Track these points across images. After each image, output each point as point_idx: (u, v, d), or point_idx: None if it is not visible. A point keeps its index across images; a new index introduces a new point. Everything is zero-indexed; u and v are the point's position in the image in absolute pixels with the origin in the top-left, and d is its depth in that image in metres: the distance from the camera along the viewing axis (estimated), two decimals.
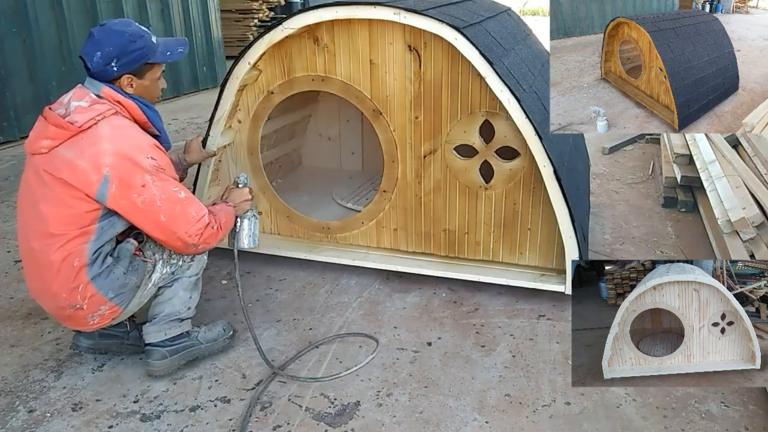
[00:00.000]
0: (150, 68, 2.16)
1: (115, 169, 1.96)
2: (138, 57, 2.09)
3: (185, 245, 2.11)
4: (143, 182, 1.99)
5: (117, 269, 2.07)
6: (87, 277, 2.01)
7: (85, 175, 1.95)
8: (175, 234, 2.06)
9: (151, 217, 2.03)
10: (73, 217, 1.98)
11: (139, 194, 1.99)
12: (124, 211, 2.02)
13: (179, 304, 2.28)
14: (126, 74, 2.09)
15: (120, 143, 1.99)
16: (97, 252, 2.03)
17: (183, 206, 2.06)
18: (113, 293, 2.07)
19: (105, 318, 2.11)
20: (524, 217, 2.75)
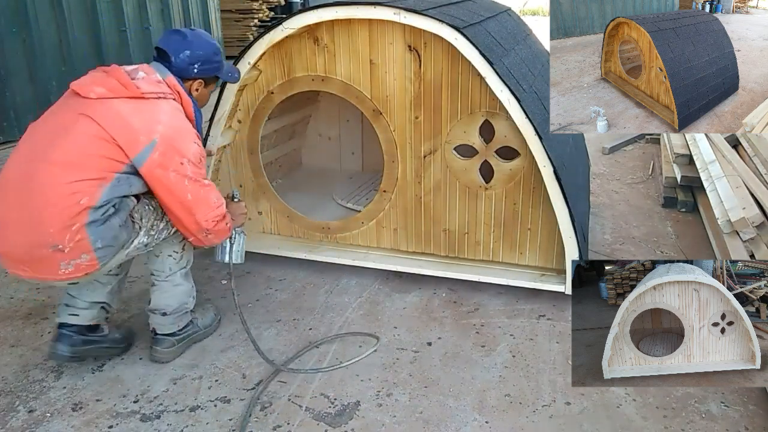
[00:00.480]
0: (214, 81, 2.40)
1: (163, 140, 2.04)
2: (215, 68, 2.34)
3: (198, 229, 2.18)
4: (182, 160, 2.08)
5: (114, 219, 2.01)
6: (88, 218, 1.93)
7: (134, 134, 2.00)
8: (194, 216, 2.14)
9: (177, 194, 2.09)
10: (95, 158, 1.96)
11: (175, 170, 2.07)
12: (155, 181, 2.06)
13: (185, 295, 2.37)
14: (199, 79, 2.30)
15: (176, 122, 2.11)
16: (107, 201, 1.99)
17: (207, 191, 2.16)
18: (101, 243, 1.98)
19: (79, 270, 1.98)
20: (524, 217, 2.75)
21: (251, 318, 2.68)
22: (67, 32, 6.10)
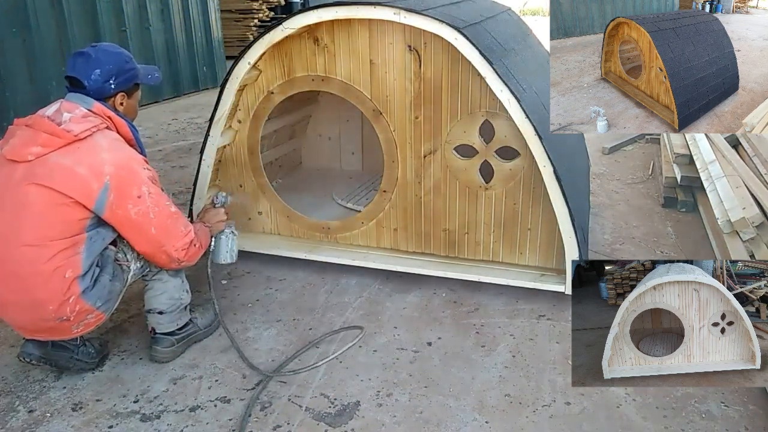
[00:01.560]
0: (136, 89, 2.30)
1: (114, 178, 2.00)
2: (131, 77, 2.24)
3: (169, 259, 2.18)
4: (139, 193, 2.05)
5: (103, 277, 2.08)
6: (79, 288, 1.99)
7: (85, 182, 1.96)
8: (162, 247, 2.14)
9: (142, 229, 2.08)
10: (60, 225, 1.96)
11: (135, 204, 2.03)
12: (118, 222, 2.05)
13: (177, 291, 2.35)
14: (120, 92, 2.20)
15: (118, 154, 2.06)
16: (90, 263, 2.02)
17: (173, 220, 2.15)
18: (101, 302, 2.07)
19: (90, 325, 2.11)
20: (524, 217, 2.75)
21: (251, 318, 2.68)
22: (67, 32, 6.10)
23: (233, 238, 2.57)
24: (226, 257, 2.56)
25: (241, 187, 3.10)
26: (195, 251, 2.26)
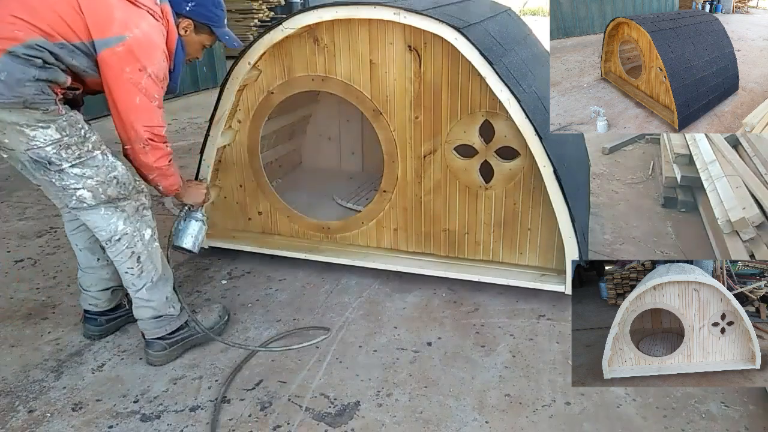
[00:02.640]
0: (208, 34, 2.33)
1: (135, 41, 2.00)
2: (208, 17, 2.29)
3: (136, 136, 2.09)
4: (141, 68, 2.02)
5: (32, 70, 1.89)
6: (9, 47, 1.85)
7: (110, 22, 1.97)
8: (133, 120, 2.06)
9: (126, 92, 2.03)
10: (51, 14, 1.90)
11: (131, 73, 2.01)
12: (108, 69, 1.99)
13: (160, 308, 2.31)
14: (190, 19, 2.25)
15: (153, 36, 2.07)
16: (41, 50, 1.89)
17: (154, 107, 2.11)
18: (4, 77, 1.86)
19: None
20: (524, 217, 2.75)
21: (251, 318, 2.68)
22: None
23: (202, 227, 2.48)
24: (188, 242, 2.45)
25: (241, 187, 3.10)
26: (160, 155, 2.16)
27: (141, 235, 2.22)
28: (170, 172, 2.24)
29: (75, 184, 2.05)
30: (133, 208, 2.20)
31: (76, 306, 2.78)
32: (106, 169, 2.09)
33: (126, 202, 2.17)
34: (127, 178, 2.15)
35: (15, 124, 1.92)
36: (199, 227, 2.48)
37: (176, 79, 2.27)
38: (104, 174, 2.08)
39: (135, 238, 2.20)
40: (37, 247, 3.40)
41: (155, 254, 2.28)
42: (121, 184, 2.13)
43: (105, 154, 2.10)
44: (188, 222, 2.46)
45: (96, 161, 2.07)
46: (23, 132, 1.94)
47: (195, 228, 2.47)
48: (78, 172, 2.04)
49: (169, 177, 2.25)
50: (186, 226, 2.46)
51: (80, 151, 2.03)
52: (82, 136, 2.03)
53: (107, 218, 2.14)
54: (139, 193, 2.22)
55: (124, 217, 2.17)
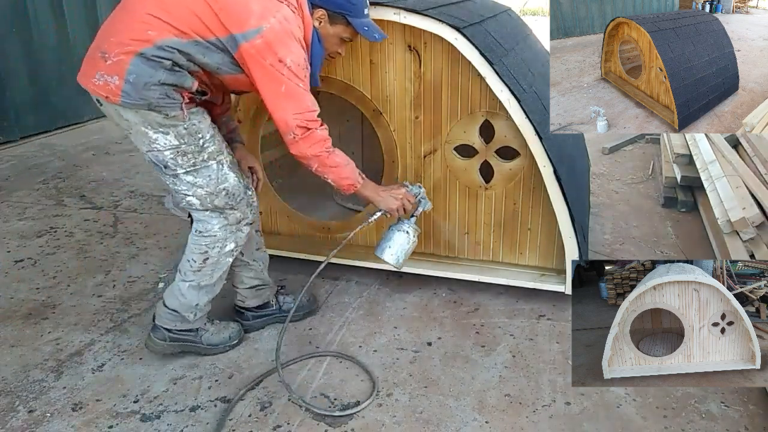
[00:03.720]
0: (344, 26, 2.20)
1: (272, 32, 1.95)
2: (343, 6, 2.15)
3: (287, 127, 2.06)
4: (282, 58, 1.97)
5: (161, 73, 1.91)
6: (140, 49, 1.88)
7: (246, 13, 1.93)
8: (284, 109, 2.04)
9: (271, 82, 2.00)
10: (185, 11, 1.90)
11: (273, 62, 1.97)
12: (251, 63, 1.97)
13: (183, 308, 2.29)
14: (324, 9, 2.14)
15: (291, 27, 2.01)
16: (171, 51, 1.90)
17: (302, 92, 2.05)
18: (133, 78, 1.90)
19: (103, 89, 1.93)
20: (524, 217, 2.75)
21: None
22: (67, 32, 6.10)
23: (409, 240, 2.25)
24: (387, 255, 2.24)
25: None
26: (316, 142, 2.10)
27: (223, 245, 2.22)
28: (332, 162, 2.17)
29: (186, 191, 2.10)
30: (236, 218, 2.21)
31: (77, 306, 2.78)
32: (217, 180, 2.11)
33: (232, 211, 2.19)
34: (237, 190, 2.16)
35: (139, 125, 1.98)
36: (402, 239, 2.25)
37: (315, 74, 2.17)
38: (214, 185, 2.11)
39: (217, 244, 2.21)
40: (37, 247, 3.40)
41: (221, 267, 2.28)
42: (230, 195, 2.15)
43: (221, 164, 2.11)
44: (391, 231, 2.28)
45: (209, 171, 2.09)
46: (146, 134, 1.99)
47: (397, 239, 2.26)
48: (191, 179, 2.08)
49: (332, 168, 2.18)
50: (388, 235, 2.26)
51: (195, 160, 2.05)
52: (199, 146, 2.05)
53: (209, 219, 2.19)
54: (248, 207, 2.23)
55: (224, 223, 2.19)
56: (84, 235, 3.56)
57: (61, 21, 6.03)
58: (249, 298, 2.54)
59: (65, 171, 4.78)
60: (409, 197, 2.38)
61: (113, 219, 3.79)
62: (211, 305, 2.39)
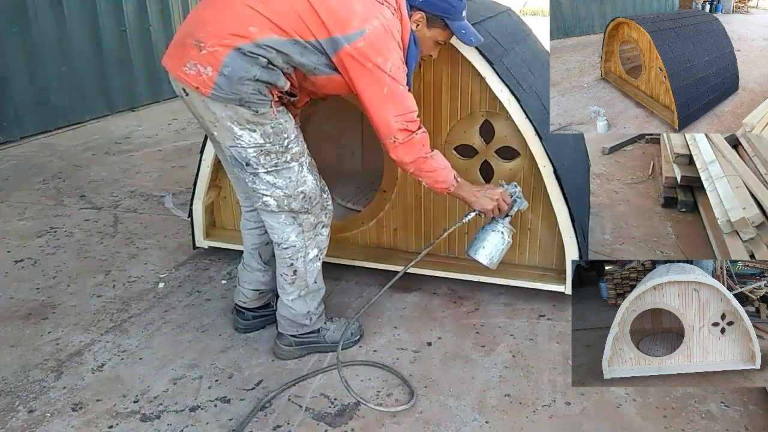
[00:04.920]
0: (441, 28, 2.13)
1: (374, 34, 1.91)
2: (443, 9, 2.09)
3: (387, 130, 2.02)
4: (384, 60, 1.93)
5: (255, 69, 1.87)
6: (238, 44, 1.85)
7: (349, 15, 1.89)
8: (384, 112, 1.99)
9: (373, 85, 1.95)
10: (290, 13, 1.86)
11: (374, 64, 1.92)
12: (350, 66, 1.93)
13: (299, 318, 2.33)
14: (422, 11, 2.09)
15: (392, 27, 1.97)
16: (269, 49, 1.87)
17: (403, 92, 2.01)
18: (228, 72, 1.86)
19: (194, 79, 1.91)
20: (524, 217, 2.75)
21: None
22: (67, 32, 6.10)
23: (501, 239, 2.20)
24: (483, 256, 2.20)
25: None
26: (414, 144, 2.05)
27: (306, 253, 2.22)
28: (429, 167, 2.12)
29: (264, 190, 2.08)
30: (311, 224, 2.20)
31: (77, 306, 2.78)
32: (296, 182, 2.09)
33: (306, 215, 2.17)
34: (314, 193, 2.15)
35: (226, 120, 1.95)
36: (497, 240, 2.20)
37: (409, 78, 2.11)
38: (293, 187, 2.09)
39: (299, 253, 2.21)
40: (37, 247, 3.40)
41: (312, 273, 2.28)
42: (307, 198, 2.13)
43: (302, 166, 2.10)
44: (485, 231, 2.23)
45: (290, 173, 2.07)
46: (232, 129, 1.96)
47: (491, 240, 2.21)
48: (270, 179, 2.06)
49: (428, 173, 2.13)
50: (482, 235, 2.22)
51: (278, 160, 2.04)
52: (284, 146, 2.03)
53: (284, 226, 2.17)
54: (323, 210, 2.22)
55: (299, 230, 2.18)
56: (84, 235, 3.56)
57: (61, 21, 6.03)
58: (252, 300, 2.53)
59: (65, 171, 4.78)
60: (505, 197, 2.24)
61: (113, 219, 3.79)
62: (324, 305, 2.43)
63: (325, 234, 2.28)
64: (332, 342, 2.41)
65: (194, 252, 3.25)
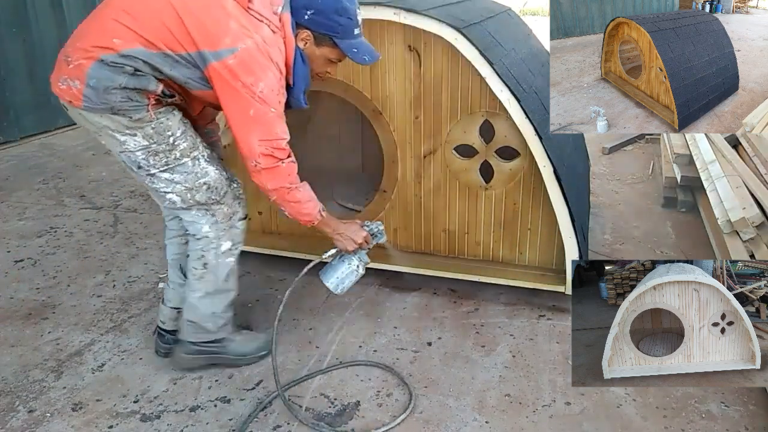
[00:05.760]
0: (331, 47, 2.06)
1: (247, 53, 1.87)
2: (329, 27, 2.02)
3: (250, 153, 1.97)
4: (255, 81, 1.89)
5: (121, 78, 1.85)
6: (101, 55, 1.84)
7: (221, 31, 1.86)
8: (249, 135, 1.95)
9: (239, 104, 1.91)
10: (157, 23, 1.84)
11: (244, 85, 1.89)
12: (219, 82, 1.89)
13: (202, 319, 2.24)
14: (309, 30, 2.02)
15: (268, 48, 1.92)
16: (134, 59, 1.85)
17: (273, 118, 1.96)
18: (94, 83, 1.86)
19: (67, 94, 1.93)
20: (524, 217, 2.75)
21: (251, 318, 2.68)
22: (67, 32, 6.08)
23: (355, 272, 2.25)
24: (332, 283, 2.24)
25: None
26: (278, 172, 2.01)
27: (218, 245, 2.16)
28: (292, 198, 2.08)
29: (165, 188, 2.05)
30: (225, 214, 2.14)
31: (77, 306, 2.78)
32: (195, 175, 2.05)
33: (218, 206, 2.12)
34: (219, 183, 2.10)
35: (107, 128, 1.95)
36: (349, 271, 2.24)
37: (299, 95, 2.09)
38: (193, 180, 2.05)
39: (212, 244, 2.15)
40: (37, 247, 3.40)
41: (224, 268, 2.20)
42: (212, 189, 2.09)
43: (196, 159, 2.05)
44: (341, 262, 2.25)
45: (185, 168, 2.03)
46: (114, 137, 1.96)
47: (344, 271, 2.24)
48: (167, 176, 2.03)
49: (291, 203, 2.09)
50: (338, 264, 2.25)
51: (167, 159, 2.00)
52: (170, 144, 1.99)
53: (197, 218, 2.13)
54: (236, 200, 2.17)
55: (213, 221, 2.13)
56: (84, 235, 3.56)
57: (61, 21, 6.02)
58: (171, 320, 2.38)
59: (65, 171, 4.78)
60: (367, 238, 2.27)
61: (113, 219, 3.79)
62: (233, 311, 2.32)
63: (241, 228, 2.21)
64: (236, 355, 2.31)
65: None
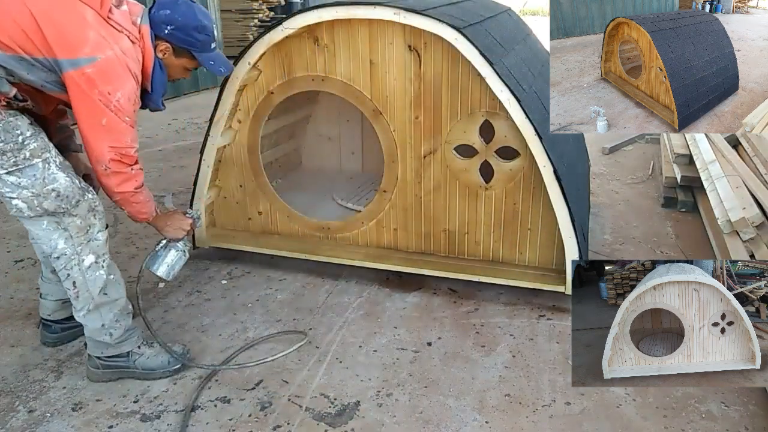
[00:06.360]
0: (189, 58, 2.21)
1: (107, 63, 1.91)
2: (189, 43, 2.16)
3: (100, 156, 2.00)
4: (112, 91, 1.94)
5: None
6: None
7: (80, 40, 1.88)
8: (100, 140, 1.98)
9: (93, 112, 1.94)
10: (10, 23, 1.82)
11: (100, 93, 1.92)
12: (76, 89, 1.91)
13: (95, 333, 2.18)
14: (168, 42, 2.13)
15: (127, 59, 1.98)
16: None
17: (124, 128, 2.01)
18: None
19: None
20: (524, 217, 2.75)
21: (251, 318, 2.68)
22: None
23: (182, 257, 2.38)
24: (163, 270, 2.34)
25: (241, 187, 3.10)
26: (126, 177, 2.06)
27: (80, 260, 2.06)
28: (135, 200, 2.14)
29: (10, 193, 1.95)
30: (78, 228, 2.04)
31: None
32: (43, 180, 1.95)
33: (69, 218, 2.02)
34: (70, 192, 1.99)
35: None
36: (177, 257, 2.37)
37: (158, 99, 2.19)
38: (40, 186, 1.95)
39: (72, 261, 2.06)
40: None
41: (95, 282, 2.11)
42: (62, 197, 1.98)
43: (47, 162, 1.97)
44: (167, 249, 2.35)
45: (34, 170, 1.94)
46: None
47: (173, 257, 2.36)
48: (14, 180, 1.93)
49: (133, 204, 2.15)
50: (164, 253, 2.35)
51: (16, 158, 1.91)
52: (19, 143, 1.91)
53: (48, 233, 2.03)
54: (91, 212, 2.07)
55: (66, 236, 2.04)
56: None
57: None
58: (56, 311, 2.41)
59: None
60: (192, 225, 2.40)
61: (113, 219, 3.79)
62: (131, 320, 2.26)
63: (102, 239, 2.12)
64: (144, 369, 2.26)
65: (194, 252, 3.25)
